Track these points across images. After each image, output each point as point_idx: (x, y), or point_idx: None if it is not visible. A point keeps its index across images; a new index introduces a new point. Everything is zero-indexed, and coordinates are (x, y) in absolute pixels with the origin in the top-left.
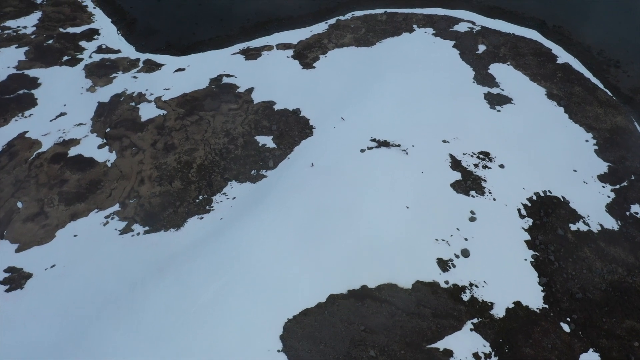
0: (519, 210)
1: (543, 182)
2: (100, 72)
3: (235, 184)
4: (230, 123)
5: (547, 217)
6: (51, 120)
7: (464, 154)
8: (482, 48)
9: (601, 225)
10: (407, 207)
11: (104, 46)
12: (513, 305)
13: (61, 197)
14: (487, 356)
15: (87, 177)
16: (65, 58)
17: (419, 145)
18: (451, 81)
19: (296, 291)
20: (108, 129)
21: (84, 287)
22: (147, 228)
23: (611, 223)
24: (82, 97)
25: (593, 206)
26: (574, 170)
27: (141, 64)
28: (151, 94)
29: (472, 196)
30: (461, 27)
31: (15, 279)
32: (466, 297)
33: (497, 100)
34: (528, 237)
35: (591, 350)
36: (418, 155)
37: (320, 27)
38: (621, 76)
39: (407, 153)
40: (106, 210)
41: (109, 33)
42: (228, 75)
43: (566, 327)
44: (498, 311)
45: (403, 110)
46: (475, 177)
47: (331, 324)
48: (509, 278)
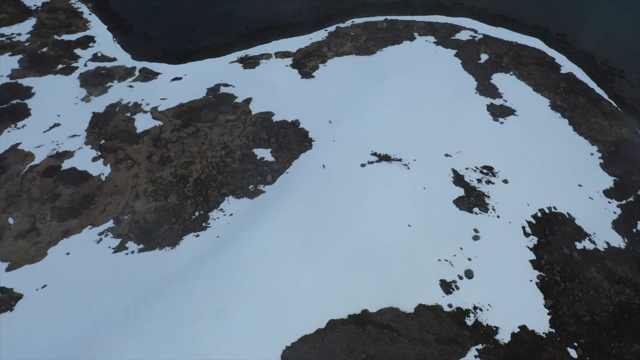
0: (524, 228)
1: (548, 198)
2: (95, 81)
3: (232, 200)
4: (227, 135)
5: (553, 235)
6: (45, 131)
7: (467, 169)
8: (485, 57)
9: (607, 243)
10: (409, 226)
11: (100, 54)
12: (519, 329)
13: (54, 213)
14: None
15: (81, 192)
16: (59, 66)
17: (421, 159)
18: (453, 92)
19: (294, 316)
20: (103, 141)
21: (76, 311)
22: (142, 246)
23: (618, 240)
24: (77, 107)
25: (599, 223)
26: (579, 185)
27: (137, 73)
28: (147, 104)
29: (476, 213)
30: (463, 36)
31: (5, 300)
32: (470, 322)
33: (500, 111)
34: (533, 257)
35: None
36: (420, 170)
37: (319, 35)
38: (625, 86)
39: (409, 168)
40: (100, 226)
41: (105, 40)
42: (226, 84)
43: (573, 353)
44: (503, 336)
45: (404, 122)
46: (478, 193)
47: (331, 352)
48: (514, 300)
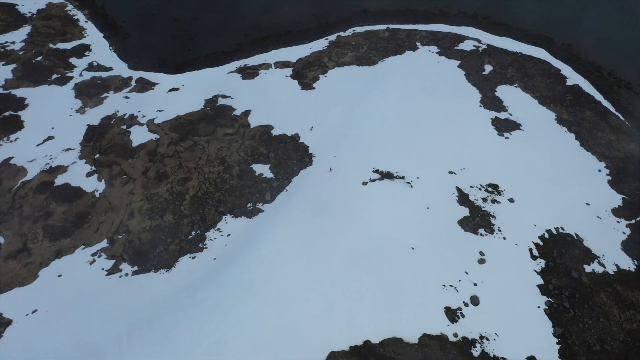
0: (531, 250)
1: (555, 218)
2: (90, 92)
3: (230, 219)
4: (225, 149)
5: (561, 258)
6: (38, 144)
7: (472, 187)
8: (489, 68)
9: (617, 265)
10: (413, 249)
11: (96, 63)
12: None
13: (46, 232)
14: None
15: (74, 209)
16: (54, 76)
17: (424, 177)
18: (457, 105)
19: (294, 349)
20: (97, 155)
21: (66, 339)
22: (136, 268)
23: (627, 263)
24: (71, 120)
25: (608, 244)
26: (587, 203)
27: (133, 83)
28: (143, 116)
29: (481, 235)
30: (466, 46)
31: None
32: (476, 352)
33: (505, 126)
34: (541, 281)
35: None
36: (423, 188)
37: (320, 44)
38: (633, 98)
39: (412, 186)
40: (93, 246)
41: (101, 49)
42: (224, 96)
43: None
44: None
45: (407, 137)
46: (483, 213)
47: None
48: (522, 329)
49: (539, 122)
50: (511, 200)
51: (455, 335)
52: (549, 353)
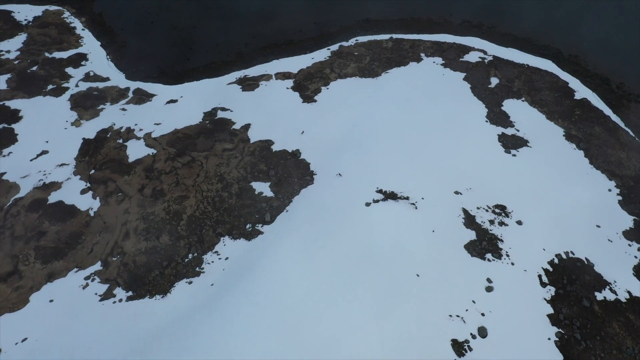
0: (540, 276)
1: (565, 241)
2: (86, 104)
3: (228, 241)
4: (224, 166)
5: (571, 285)
6: (31, 159)
7: (478, 208)
8: (495, 81)
9: (629, 292)
10: (418, 276)
11: (92, 73)
12: None
13: (38, 253)
14: None
15: (68, 229)
16: (49, 87)
17: (429, 197)
18: (463, 120)
19: None
20: (92, 171)
21: None
22: (131, 293)
23: None
24: (66, 133)
25: (620, 269)
26: (597, 225)
27: (131, 94)
28: (140, 130)
29: (489, 260)
30: (472, 57)
31: None
32: None
33: (512, 142)
34: (551, 311)
35: None
36: (428, 209)
37: (322, 54)
38: None
39: (417, 207)
40: (87, 269)
41: (98, 58)
42: (223, 108)
43: None
44: None
45: (411, 154)
46: (491, 237)
47: None
48: None
49: (547, 139)
50: (519, 222)
51: None
52: None
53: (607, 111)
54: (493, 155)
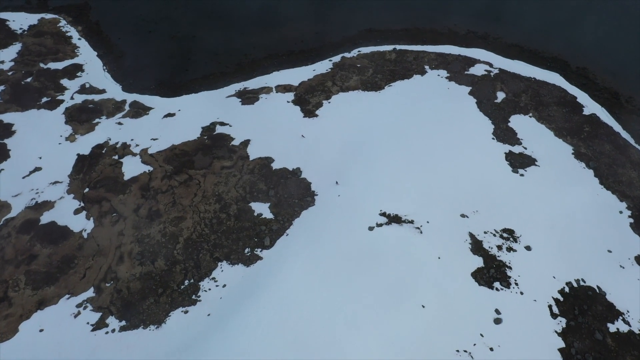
0: (550, 307)
1: (575, 268)
2: (82, 117)
3: (226, 266)
4: (222, 185)
5: (583, 316)
6: (24, 176)
7: (486, 233)
8: (501, 96)
9: None
10: (423, 307)
11: (88, 85)
12: None
13: (28, 278)
14: None
15: (60, 252)
16: (44, 100)
17: (435, 220)
18: (469, 137)
19: None
20: (87, 189)
21: None
22: (124, 323)
23: None
24: (60, 148)
25: (632, 298)
26: (609, 250)
27: (127, 107)
28: (137, 145)
29: (497, 289)
30: (477, 70)
31: None
32: None
33: (520, 161)
34: (562, 344)
35: None
36: (434, 234)
37: (323, 66)
38: None
39: (422, 232)
40: (79, 296)
41: (94, 69)
42: (222, 123)
43: None
44: None
45: (415, 173)
46: (499, 264)
47: None
48: None
49: (556, 157)
50: (528, 247)
51: None
52: None
53: (617, 127)
54: (500, 174)
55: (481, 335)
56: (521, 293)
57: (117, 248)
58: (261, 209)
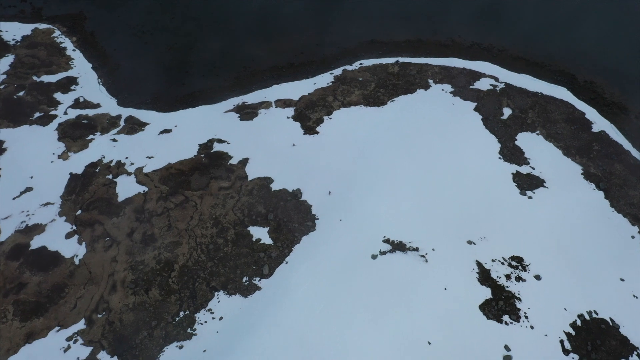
0: (562, 342)
1: (587, 299)
2: (75, 134)
3: (223, 296)
4: (220, 207)
5: (596, 353)
6: (14, 197)
7: (493, 261)
8: (508, 112)
9: None
10: (429, 343)
11: (82, 99)
12: None
13: (17, 309)
14: None
15: (50, 280)
16: (36, 115)
17: (440, 248)
18: (475, 157)
19: None
20: (79, 211)
21: None
22: (116, 359)
23: None
24: (53, 167)
25: None
26: (621, 279)
27: (122, 122)
28: (131, 164)
29: (506, 323)
30: (483, 84)
31: None
32: None
33: (528, 183)
34: None
35: None
36: (439, 263)
37: (324, 79)
38: None
39: (427, 260)
40: (69, 328)
41: (89, 82)
42: (220, 140)
43: None
44: None
45: (420, 196)
46: (508, 295)
47: None
48: None
49: (565, 178)
50: (537, 277)
51: None
52: None
53: (627, 145)
54: (507, 197)
55: None
56: (531, 327)
57: (110, 276)
58: (260, 234)
